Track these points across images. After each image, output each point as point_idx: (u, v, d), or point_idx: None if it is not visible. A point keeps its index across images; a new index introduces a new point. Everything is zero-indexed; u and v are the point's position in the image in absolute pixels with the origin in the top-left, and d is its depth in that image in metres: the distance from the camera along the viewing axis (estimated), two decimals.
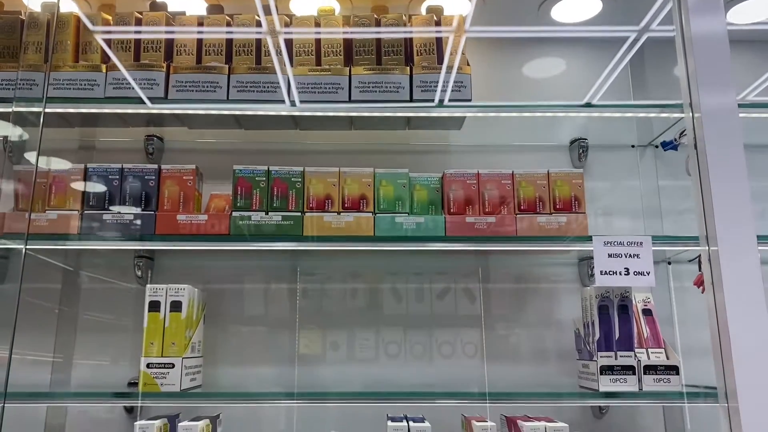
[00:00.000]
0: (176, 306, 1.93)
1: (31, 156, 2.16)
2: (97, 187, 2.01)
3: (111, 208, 1.99)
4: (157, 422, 1.88)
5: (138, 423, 1.87)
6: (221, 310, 2.29)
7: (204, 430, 1.91)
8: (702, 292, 1.95)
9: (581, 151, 2.40)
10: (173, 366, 1.88)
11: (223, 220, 1.97)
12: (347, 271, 2.34)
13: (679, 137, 2.21)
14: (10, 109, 2.02)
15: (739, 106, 1.93)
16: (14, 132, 2.15)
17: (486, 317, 2.33)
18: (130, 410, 2.19)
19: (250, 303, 2.32)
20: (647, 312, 2.08)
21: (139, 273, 2.26)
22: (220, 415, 2.12)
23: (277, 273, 2.34)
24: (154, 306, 1.92)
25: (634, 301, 2.06)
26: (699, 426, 2.23)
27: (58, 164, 2.07)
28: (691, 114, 1.93)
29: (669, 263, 2.37)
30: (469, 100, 2.05)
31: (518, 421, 1.96)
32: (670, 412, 2.23)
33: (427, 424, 1.87)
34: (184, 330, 1.93)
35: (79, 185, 2.01)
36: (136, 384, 2.08)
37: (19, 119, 2.07)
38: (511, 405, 2.13)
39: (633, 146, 2.46)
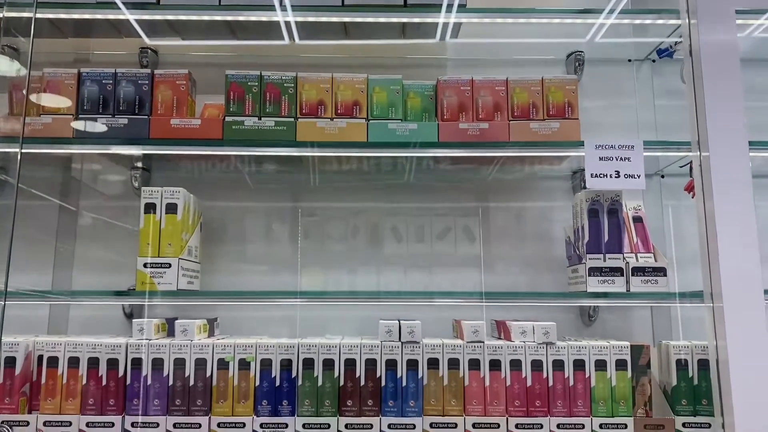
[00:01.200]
0: (172, 208, 1.96)
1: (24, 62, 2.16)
2: (91, 92, 2.01)
3: (105, 112, 2.00)
4: (155, 320, 1.93)
5: (136, 321, 1.92)
6: (219, 225, 2.32)
7: (201, 328, 1.96)
8: (692, 197, 1.97)
9: (577, 64, 2.39)
10: (170, 266, 1.92)
11: (216, 125, 1.98)
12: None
13: (675, 45, 2.19)
14: (0, 15, 2.00)
15: (737, 12, 1.92)
16: (5, 39, 2.14)
17: (483, 234, 2.36)
18: (129, 315, 2.24)
19: (249, 218, 2.35)
20: (637, 219, 2.10)
21: (136, 184, 2.29)
22: (218, 318, 2.18)
23: (274, 190, 2.36)
24: (150, 208, 1.95)
25: (624, 208, 2.08)
26: (686, 334, 2.27)
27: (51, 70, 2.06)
28: (687, 20, 1.91)
29: (662, 176, 2.39)
30: (464, 6, 2.03)
31: (507, 322, 2.01)
32: (658, 319, 2.28)
33: (417, 321, 1.91)
34: (180, 232, 1.96)
35: (73, 90, 2.01)
36: (134, 290, 2.14)
37: (9, 26, 2.06)
38: (503, 306, 2.19)
39: (630, 60, 2.44)
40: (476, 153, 2.03)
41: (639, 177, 1.91)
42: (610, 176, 1.90)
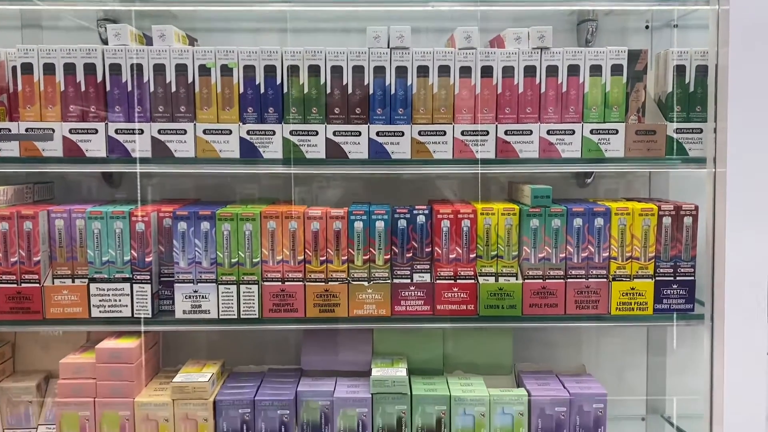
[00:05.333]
0: None
1: None
2: None
3: None
4: (131, 27, 1.83)
5: (111, 26, 1.82)
6: None
7: (180, 38, 1.87)
8: None
9: None
10: None
11: None
12: None
13: None
14: None
15: None
16: None
17: None
18: (105, 42, 2.13)
19: None
20: None
21: None
22: (198, 40, 2.08)
23: None
24: None
25: None
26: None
27: None
28: None
29: None
30: None
31: (501, 33, 1.92)
32: (657, 43, 2.19)
33: (407, 26, 1.81)
34: None
35: None
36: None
37: None
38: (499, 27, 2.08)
39: None
40: None
41: None
42: None
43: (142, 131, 1.80)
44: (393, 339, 2.03)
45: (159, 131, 1.80)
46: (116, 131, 1.80)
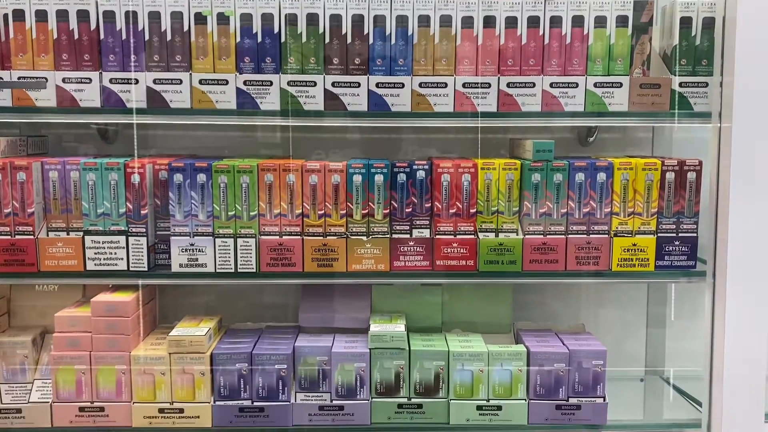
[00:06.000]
0: None
1: None
2: None
3: None
4: None
5: None
6: None
7: None
8: None
9: None
10: None
11: None
12: None
13: None
14: None
15: None
16: None
17: None
18: None
19: None
20: None
21: None
22: None
23: None
24: None
25: None
26: None
27: None
28: None
29: None
30: None
31: None
32: None
33: None
34: None
35: None
36: None
37: None
38: None
39: None
40: None
41: None
42: None
43: (137, 81, 1.76)
44: (392, 297, 2.01)
45: (154, 81, 1.76)
46: (111, 81, 1.76)
